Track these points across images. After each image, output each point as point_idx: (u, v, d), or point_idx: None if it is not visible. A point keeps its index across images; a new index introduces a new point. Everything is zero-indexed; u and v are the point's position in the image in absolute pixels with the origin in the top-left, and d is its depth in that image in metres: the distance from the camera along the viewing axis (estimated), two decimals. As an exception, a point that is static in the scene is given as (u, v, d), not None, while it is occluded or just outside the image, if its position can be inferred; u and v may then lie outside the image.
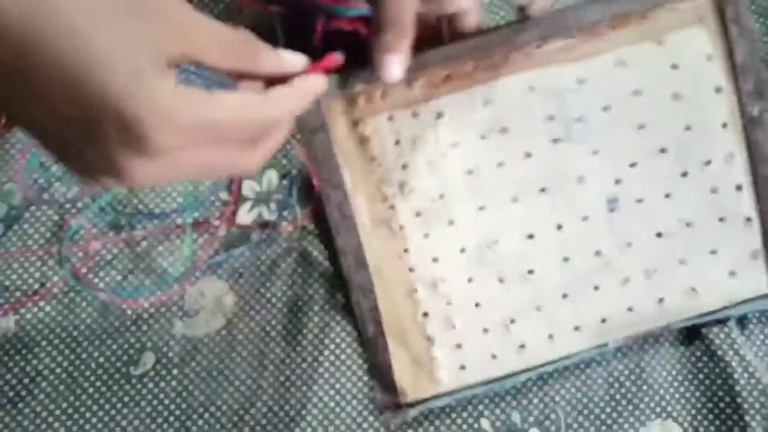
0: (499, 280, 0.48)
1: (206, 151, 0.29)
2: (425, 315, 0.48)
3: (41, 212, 0.48)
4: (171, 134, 0.27)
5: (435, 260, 0.48)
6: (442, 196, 0.47)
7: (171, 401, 0.46)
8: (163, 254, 0.48)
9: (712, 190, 0.47)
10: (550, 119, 0.46)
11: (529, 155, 0.47)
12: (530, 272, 0.48)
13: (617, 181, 0.47)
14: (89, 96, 0.25)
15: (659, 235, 0.48)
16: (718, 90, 0.46)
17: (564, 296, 0.48)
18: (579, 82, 0.46)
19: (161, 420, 0.46)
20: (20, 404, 0.45)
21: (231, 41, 0.30)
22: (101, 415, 0.46)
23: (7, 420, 0.45)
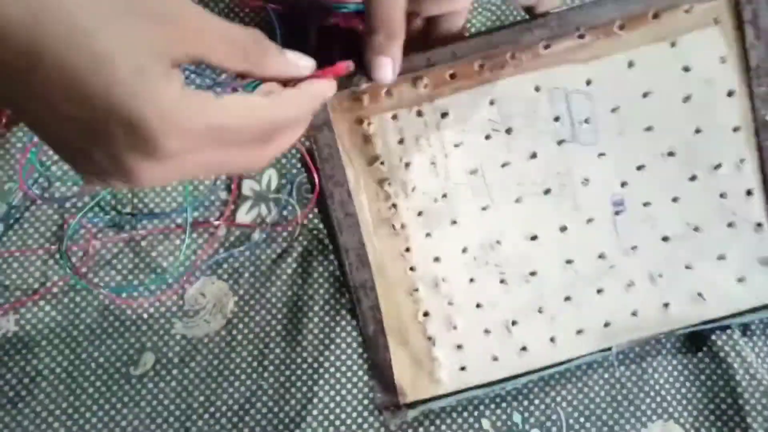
0: (501, 281, 0.48)
1: (213, 153, 0.29)
2: (426, 315, 0.48)
3: (41, 212, 0.48)
4: (178, 138, 0.27)
5: (437, 260, 0.47)
6: (444, 196, 0.47)
7: (171, 401, 0.47)
8: (163, 254, 0.48)
9: (721, 195, 0.47)
10: (556, 120, 0.46)
11: (534, 156, 0.46)
12: (532, 274, 0.47)
13: (623, 184, 0.47)
14: (92, 96, 0.25)
15: (665, 239, 0.47)
16: (730, 93, 0.45)
17: (566, 299, 0.48)
18: (587, 83, 0.45)
19: (161, 420, 0.46)
20: (20, 404, 0.46)
21: (238, 41, 0.30)
22: (101, 415, 0.46)
23: (7, 420, 0.45)
